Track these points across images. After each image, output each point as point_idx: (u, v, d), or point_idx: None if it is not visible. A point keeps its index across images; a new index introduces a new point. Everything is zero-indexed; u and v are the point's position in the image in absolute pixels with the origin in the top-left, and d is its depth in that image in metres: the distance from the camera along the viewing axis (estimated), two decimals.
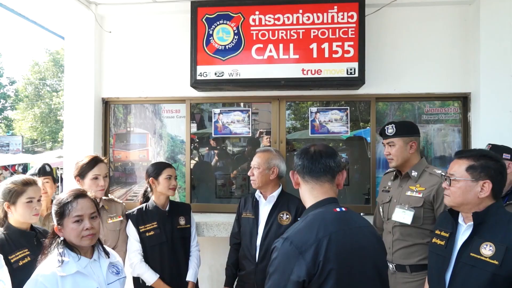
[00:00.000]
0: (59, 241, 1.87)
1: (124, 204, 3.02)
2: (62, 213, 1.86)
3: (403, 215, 2.47)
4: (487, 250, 1.76)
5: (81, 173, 2.70)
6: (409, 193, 2.53)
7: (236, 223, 2.95)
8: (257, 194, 2.84)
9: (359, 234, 1.55)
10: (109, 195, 3.38)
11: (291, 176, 1.73)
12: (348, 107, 3.65)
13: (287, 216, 2.68)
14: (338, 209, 1.57)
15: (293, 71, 3.40)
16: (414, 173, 2.57)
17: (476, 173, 1.85)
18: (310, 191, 1.64)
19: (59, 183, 11.62)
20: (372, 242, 1.58)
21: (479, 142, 3.26)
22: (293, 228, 1.57)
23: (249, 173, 2.78)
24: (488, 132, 3.28)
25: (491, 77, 3.31)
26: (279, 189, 2.79)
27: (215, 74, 3.47)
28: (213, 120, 3.78)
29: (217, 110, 3.79)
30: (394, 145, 2.60)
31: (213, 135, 3.82)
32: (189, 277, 2.86)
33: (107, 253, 2.01)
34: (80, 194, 1.92)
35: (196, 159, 3.95)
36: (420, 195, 2.47)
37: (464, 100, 3.55)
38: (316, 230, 1.48)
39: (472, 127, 3.47)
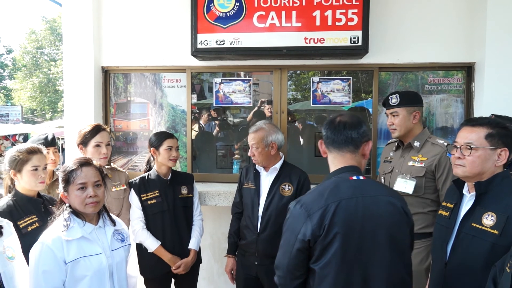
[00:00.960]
0: (65, 207, 1.91)
1: (127, 173, 3.05)
2: (67, 180, 1.90)
3: (404, 185, 2.49)
4: (488, 220, 1.73)
5: (84, 141, 2.73)
6: (411, 163, 2.54)
7: (237, 193, 2.97)
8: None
9: (374, 203, 1.58)
10: (111, 164, 3.40)
11: (319, 145, 1.77)
12: (350, 77, 3.61)
13: (289, 187, 2.70)
14: (354, 177, 1.61)
15: (295, 39, 3.33)
16: (416, 143, 2.57)
17: (494, 141, 1.80)
18: (332, 161, 1.71)
19: (60, 153, 11.66)
20: (390, 212, 1.59)
21: (482, 113, 3.22)
22: (308, 192, 1.67)
23: (249, 154, 2.76)
24: (491, 102, 3.25)
25: (498, 46, 3.24)
26: (281, 161, 2.79)
27: (216, 42, 3.41)
28: (214, 90, 3.74)
29: (218, 80, 3.74)
30: (398, 115, 2.59)
31: (214, 105, 3.79)
32: (191, 245, 2.91)
33: (113, 221, 2.05)
34: (85, 162, 1.94)
35: (197, 129, 3.94)
36: (422, 165, 2.48)
37: (468, 70, 3.50)
38: (327, 196, 1.56)
39: (476, 97, 3.43)
